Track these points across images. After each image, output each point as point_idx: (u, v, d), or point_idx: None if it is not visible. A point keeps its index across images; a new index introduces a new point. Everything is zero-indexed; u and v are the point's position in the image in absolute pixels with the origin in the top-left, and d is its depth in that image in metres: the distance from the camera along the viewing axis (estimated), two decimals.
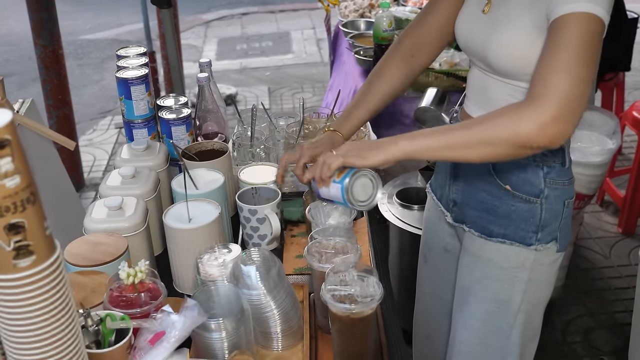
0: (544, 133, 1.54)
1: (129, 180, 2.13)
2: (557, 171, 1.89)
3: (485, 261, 2.01)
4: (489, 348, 2.07)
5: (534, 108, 1.54)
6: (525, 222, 1.92)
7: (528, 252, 1.95)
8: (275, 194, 2.11)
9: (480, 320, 2.06)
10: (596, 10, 1.57)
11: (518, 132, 1.55)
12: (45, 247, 1.11)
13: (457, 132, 1.66)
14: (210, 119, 2.57)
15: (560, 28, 1.60)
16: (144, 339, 1.51)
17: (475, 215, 2.02)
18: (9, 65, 7.86)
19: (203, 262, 1.82)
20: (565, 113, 1.53)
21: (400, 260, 3.22)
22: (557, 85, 1.54)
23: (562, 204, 1.92)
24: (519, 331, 2.03)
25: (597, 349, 3.53)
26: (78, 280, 1.75)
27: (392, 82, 2.12)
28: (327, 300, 1.61)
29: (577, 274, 4.02)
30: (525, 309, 2.01)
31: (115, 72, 2.40)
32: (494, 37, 1.82)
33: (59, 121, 4.89)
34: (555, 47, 1.59)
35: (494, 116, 1.62)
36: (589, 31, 1.58)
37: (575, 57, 1.56)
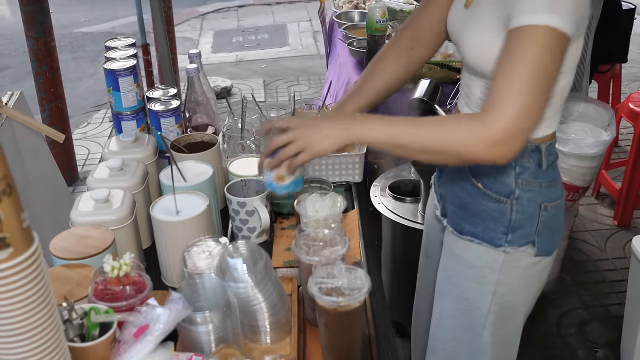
0: (490, 153, 1.58)
1: (116, 172, 2.12)
2: (532, 172, 1.83)
3: (456, 258, 1.99)
4: (463, 345, 2.05)
5: (484, 127, 1.56)
6: (495, 222, 1.88)
7: (497, 254, 1.90)
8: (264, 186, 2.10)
9: (452, 317, 2.04)
10: (557, 23, 1.54)
11: (466, 149, 1.60)
12: (22, 239, 1.09)
13: (413, 133, 1.67)
14: (199, 110, 2.55)
15: (518, 40, 1.58)
16: (128, 333, 1.49)
17: (452, 210, 2.00)
18: (4, 59, 7.84)
19: (191, 255, 1.81)
20: (513, 136, 1.56)
21: (393, 253, 3.21)
22: (509, 106, 1.55)
23: (537, 207, 1.85)
24: (490, 332, 1.99)
25: (591, 342, 3.53)
26: (63, 273, 1.74)
27: (389, 76, 2.10)
28: (314, 293, 1.59)
29: (572, 266, 4.02)
30: (495, 310, 1.96)
31: (103, 63, 2.39)
32: (466, 33, 1.81)
33: (51, 114, 4.87)
34: (511, 62, 1.57)
35: (447, 127, 1.65)
36: (548, 46, 1.56)
37: (530, 76, 1.55)
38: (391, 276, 3.27)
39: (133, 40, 2.56)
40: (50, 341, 1.17)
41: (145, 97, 2.47)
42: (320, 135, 1.70)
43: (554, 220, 1.90)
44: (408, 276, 3.08)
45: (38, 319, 1.14)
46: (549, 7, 1.55)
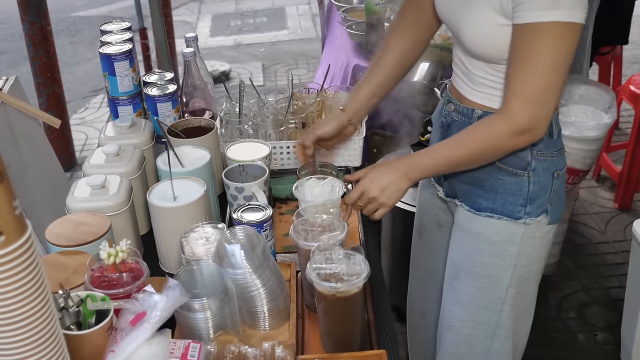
0: (522, 141, 1.76)
1: (113, 158, 2.11)
2: (545, 142, 1.86)
3: (475, 236, 2.00)
4: (480, 323, 2.06)
5: (509, 121, 1.72)
6: (513, 195, 1.91)
7: (517, 227, 1.93)
8: (263, 171, 2.09)
9: (471, 295, 2.04)
10: (563, 16, 1.60)
11: (501, 146, 1.79)
12: (15, 227, 1.08)
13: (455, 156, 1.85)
14: (197, 95, 2.54)
15: (528, 37, 1.65)
16: (125, 320, 1.48)
17: (464, 189, 2.00)
18: (0, 44, 7.81)
19: (188, 241, 1.80)
20: (538, 121, 1.71)
21: (393, 237, 3.20)
22: (528, 96, 1.69)
23: (551, 176, 1.90)
24: (511, 305, 2.02)
25: (591, 325, 3.53)
26: (60, 260, 1.73)
27: (399, 55, 2.13)
28: (313, 279, 1.59)
29: (572, 249, 4.02)
30: (516, 283, 1.99)
31: (99, 47, 2.37)
32: (465, 20, 1.82)
33: (48, 99, 4.85)
34: (525, 58, 1.67)
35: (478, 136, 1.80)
36: (558, 39, 1.63)
37: (544, 68, 1.66)
38: (391, 260, 3.26)
39: (129, 24, 2.54)
40: (45, 330, 1.16)
41: (142, 81, 2.46)
42: (388, 194, 1.88)
43: (561, 188, 1.97)
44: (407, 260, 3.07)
45: (32, 307, 1.13)
46: (554, 3, 1.59)
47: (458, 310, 2.09)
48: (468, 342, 2.09)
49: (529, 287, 2.05)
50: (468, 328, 2.08)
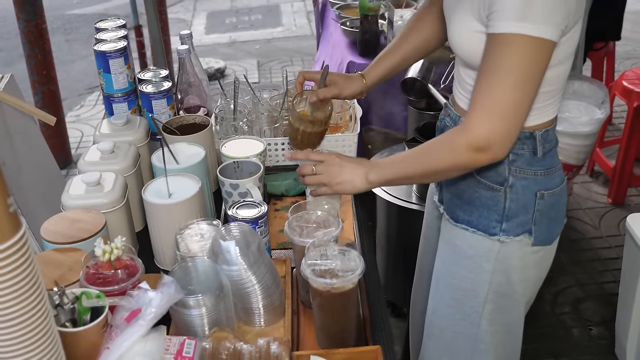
0: (480, 158, 1.65)
1: (108, 155, 2.10)
2: (527, 160, 1.80)
3: (452, 246, 1.97)
4: (459, 334, 2.03)
5: (467, 136, 1.63)
6: (488, 210, 1.86)
7: (492, 243, 1.87)
8: (258, 167, 2.08)
9: (449, 306, 2.02)
10: (532, 30, 1.54)
11: (458, 162, 1.69)
12: (8, 225, 1.08)
13: (413, 167, 1.78)
14: (191, 92, 2.54)
15: (495, 47, 1.60)
16: (120, 317, 1.48)
17: (448, 197, 1.98)
18: None
19: (183, 238, 1.80)
20: (497, 137, 1.61)
21: (388, 233, 3.20)
22: (488, 111, 1.61)
23: (533, 195, 1.82)
24: (488, 320, 1.97)
25: (585, 319, 3.53)
26: (55, 257, 1.72)
27: (426, 35, 2.12)
28: (308, 275, 1.58)
29: (566, 244, 4.02)
30: (492, 299, 1.94)
31: (93, 45, 2.36)
32: (452, 22, 1.80)
33: (44, 97, 4.85)
34: (490, 69, 1.60)
35: (436, 150, 1.74)
36: (524, 53, 1.56)
37: (508, 82, 1.58)
38: (386, 256, 3.26)
39: (124, 21, 2.53)
40: (40, 327, 1.16)
41: (137, 78, 2.45)
42: (342, 179, 1.84)
43: (552, 209, 1.87)
44: (403, 256, 3.08)
45: (27, 304, 1.12)
46: (523, 15, 1.54)
47: (438, 320, 2.08)
48: (449, 352, 2.08)
49: (510, 305, 1.98)
50: (447, 338, 2.06)
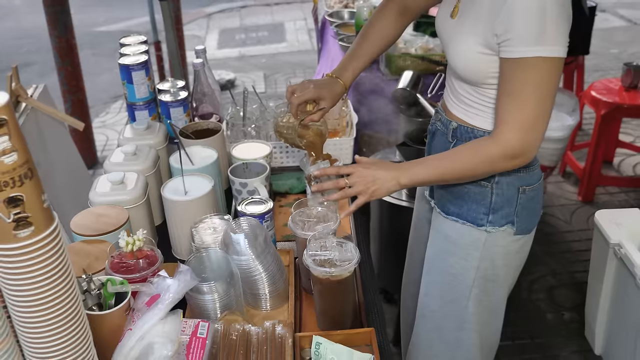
0: (512, 164, 1.70)
1: (130, 157, 2.11)
2: None
3: (443, 236, 1.98)
4: (448, 315, 2.04)
5: (500, 146, 1.66)
6: (477, 204, 1.87)
7: (480, 233, 1.89)
8: (264, 168, 2.09)
9: (439, 289, 2.03)
10: (548, 52, 1.56)
11: (492, 168, 1.73)
12: (43, 218, 1.08)
13: (447, 171, 1.78)
14: (205, 101, 2.54)
15: (515, 70, 1.61)
16: (141, 302, 1.49)
17: (439, 193, 1.99)
18: (31, 56, 7.80)
19: (198, 231, 1.81)
20: (527, 146, 1.65)
21: (381, 227, 3.20)
22: (519, 124, 1.63)
23: (516, 190, 1.84)
24: (475, 302, 1.98)
25: (558, 305, 3.54)
26: (83, 248, 1.73)
27: (385, 35, 2.10)
28: (309, 265, 1.59)
29: (541, 238, 4.02)
30: (479, 284, 1.95)
31: (118, 59, 2.37)
32: (453, 44, 1.79)
33: (73, 105, 4.85)
34: (514, 89, 1.62)
35: (471, 157, 1.74)
36: (543, 73, 1.59)
37: (533, 98, 1.60)
38: (379, 247, 3.26)
39: (145, 38, 2.53)
40: (69, 310, 1.16)
41: (157, 89, 2.46)
42: (376, 186, 1.79)
43: (531, 202, 1.89)
44: (394, 247, 3.08)
45: (58, 290, 1.13)
46: (538, 40, 1.56)
47: (429, 301, 2.08)
48: (438, 330, 2.08)
49: (494, 289, 2.00)
50: (437, 318, 2.07)
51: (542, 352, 3.23)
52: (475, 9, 1.70)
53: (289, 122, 2.03)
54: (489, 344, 2.13)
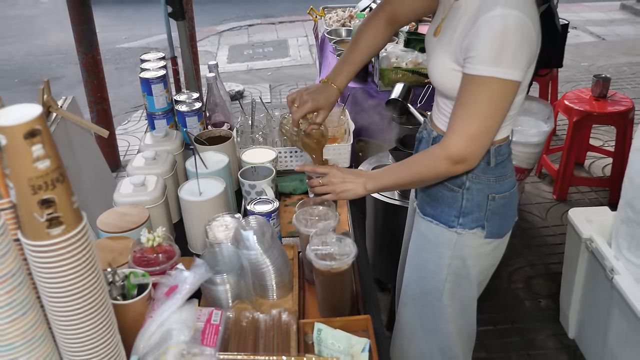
0: (456, 169, 1.69)
1: (150, 161, 2.11)
2: (482, 168, 1.80)
3: (420, 235, 1.99)
4: (427, 305, 2.05)
5: (446, 151, 1.66)
6: (449, 207, 1.87)
7: (451, 234, 1.89)
8: (271, 171, 2.09)
9: (417, 282, 2.04)
10: (501, 74, 1.54)
11: (439, 172, 1.72)
12: (73, 218, 1.08)
13: (403, 176, 1.79)
14: (217, 110, 2.54)
15: (470, 85, 1.60)
16: (160, 292, 1.48)
17: (420, 195, 1.99)
18: (60, 70, 7.80)
19: (211, 228, 1.81)
20: (470, 154, 1.66)
21: (375, 223, 3.20)
22: (464, 133, 1.63)
23: (485, 197, 1.83)
24: (449, 295, 1.99)
25: (535, 293, 3.54)
26: (108, 244, 1.73)
27: (374, 41, 2.07)
28: (311, 258, 1.59)
29: (520, 233, 4.03)
30: (451, 279, 1.96)
31: (139, 73, 2.37)
32: (432, 59, 1.79)
33: (98, 114, 4.85)
34: (466, 101, 1.62)
35: (422, 163, 1.74)
36: (494, 92, 1.58)
37: (480, 113, 1.60)
38: (374, 242, 3.26)
39: (163, 54, 2.53)
40: (96, 300, 1.16)
41: (174, 100, 2.46)
42: (344, 187, 1.81)
43: (502, 209, 1.87)
44: (387, 242, 3.09)
45: (86, 282, 1.13)
46: (495, 61, 1.54)
47: (409, 292, 2.09)
48: (419, 318, 2.09)
49: (466, 285, 1.99)
50: (418, 308, 2.08)
51: (521, 335, 3.23)
52: (452, 29, 1.70)
53: (293, 129, 2.05)
54: (467, 333, 2.13)
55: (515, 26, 1.52)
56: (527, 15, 1.54)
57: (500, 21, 1.52)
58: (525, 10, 1.54)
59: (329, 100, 2.03)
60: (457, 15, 1.69)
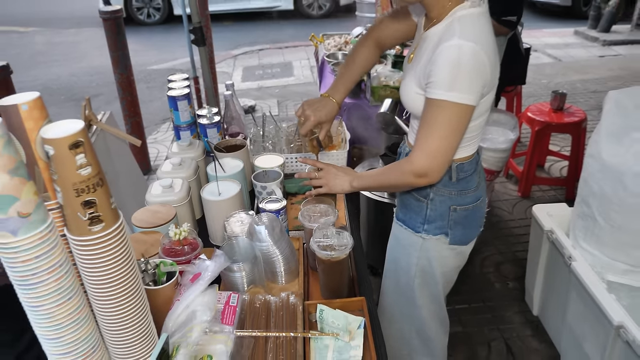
0: (420, 181, 1.65)
1: (177, 167, 2.10)
2: (443, 183, 1.78)
3: (394, 236, 1.99)
4: (402, 295, 2.04)
5: (412, 166, 1.64)
6: (416, 214, 1.86)
7: (417, 238, 1.88)
8: (279, 174, 2.07)
9: (393, 275, 2.04)
10: (456, 98, 1.51)
11: (406, 182, 1.68)
12: (111, 216, 1.08)
13: (380, 181, 1.79)
14: (233, 123, 2.53)
15: (429, 108, 1.57)
16: (186, 278, 1.48)
17: (397, 202, 1.99)
18: (99, 88, 7.79)
19: (229, 223, 1.80)
20: (431, 169, 1.62)
21: (368, 218, 3.19)
22: (425, 151, 1.60)
23: (447, 208, 1.81)
24: (419, 288, 1.99)
25: (504, 277, 3.53)
26: (141, 237, 1.72)
27: (366, 61, 2.07)
28: (314, 249, 1.59)
29: (490, 225, 4.02)
30: (420, 275, 1.95)
31: (167, 92, 2.36)
32: (403, 84, 1.77)
33: (132, 126, 4.84)
34: (427, 122, 1.58)
35: (394, 172, 1.72)
36: (450, 114, 1.54)
37: (439, 133, 1.56)
38: (366, 233, 3.26)
39: (187, 75, 2.52)
40: (132, 286, 1.16)
41: (196, 114, 2.45)
42: (335, 182, 1.86)
43: (465, 220, 1.84)
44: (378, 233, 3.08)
45: (123, 270, 1.12)
46: (449, 86, 1.51)
47: (387, 283, 2.09)
48: (397, 305, 2.09)
49: (432, 281, 1.98)
50: (395, 296, 2.07)
51: (492, 312, 3.22)
52: (420, 57, 1.67)
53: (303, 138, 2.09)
54: (439, 318, 2.12)
55: (470, 56, 1.48)
56: (482, 48, 1.49)
57: (456, 50, 1.48)
58: (480, 43, 1.49)
59: (331, 115, 2.04)
60: (424, 46, 1.66)
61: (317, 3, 11.41)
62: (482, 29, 1.54)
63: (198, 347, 1.34)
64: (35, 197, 0.97)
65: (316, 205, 1.82)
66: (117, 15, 4.39)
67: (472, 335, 3.06)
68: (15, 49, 9.96)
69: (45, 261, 1.00)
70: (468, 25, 1.52)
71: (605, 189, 2.37)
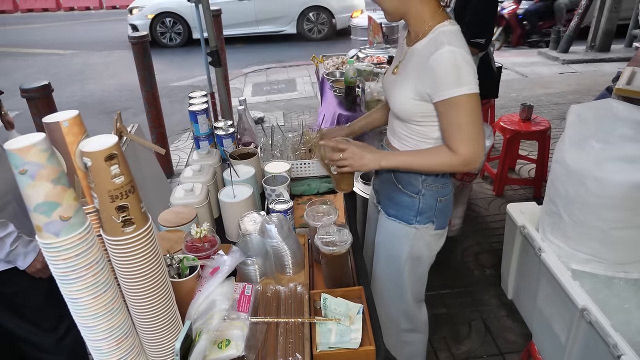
0: (464, 169, 1.62)
1: (197, 173, 2.09)
2: (433, 178, 1.81)
3: (386, 230, 1.97)
4: (391, 280, 2.04)
5: (459, 157, 1.60)
6: (408, 209, 1.86)
7: (410, 229, 1.88)
8: (286, 179, 2.06)
9: (384, 263, 2.03)
10: (467, 90, 1.53)
11: (452, 168, 1.65)
12: (141, 219, 1.07)
13: (418, 164, 1.70)
14: (246, 133, 2.51)
15: (450, 108, 1.57)
16: (207, 272, 1.47)
17: (383, 201, 1.98)
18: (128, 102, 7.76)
19: (243, 222, 1.78)
20: (476, 156, 1.60)
21: (363, 217, 3.17)
22: (468, 142, 1.58)
23: (435, 200, 1.83)
24: (408, 272, 1.99)
25: (482, 265, 3.51)
26: (167, 236, 1.71)
27: (379, 118, 2.15)
28: (318, 244, 1.57)
29: (469, 220, 4.00)
30: (410, 261, 1.96)
31: (188, 107, 2.34)
32: (394, 92, 1.76)
33: (157, 136, 4.82)
34: (455, 119, 1.58)
35: (436, 158, 1.66)
36: (470, 104, 1.55)
37: (469, 122, 1.56)
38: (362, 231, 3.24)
39: (205, 92, 2.51)
40: (159, 278, 1.15)
41: (213, 126, 2.43)
42: (361, 162, 1.73)
43: (445, 208, 1.88)
44: None
45: (152, 265, 1.11)
46: (458, 83, 1.54)
47: (378, 269, 2.08)
48: (388, 290, 2.08)
49: (420, 265, 1.99)
50: (385, 281, 2.06)
51: (472, 296, 3.20)
52: (407, 69, 1.70)
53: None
54: (417, 297, 2.13)
55: (462, 57, 1.54)
56: (467, 54, 1.56)
57: (451, 54, 1.53)
58: (466, 51, 1.56)
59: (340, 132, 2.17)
60: (412, 59, 1.69)
61: (317, 28, 11.42)
62: (463, 42, 1.59)
63: (218, 333, 1.33)
64: (75, 202, 0.96)
65: (319, 205, 1.80)
66: (144, 39, 4.38)
67: (454, 316, 3.04)
68: (55, 69, 9.95)
69: (83, 259, 0.99)
70: (453, 37, 1.58)
71: (569, 190, 2.36)
